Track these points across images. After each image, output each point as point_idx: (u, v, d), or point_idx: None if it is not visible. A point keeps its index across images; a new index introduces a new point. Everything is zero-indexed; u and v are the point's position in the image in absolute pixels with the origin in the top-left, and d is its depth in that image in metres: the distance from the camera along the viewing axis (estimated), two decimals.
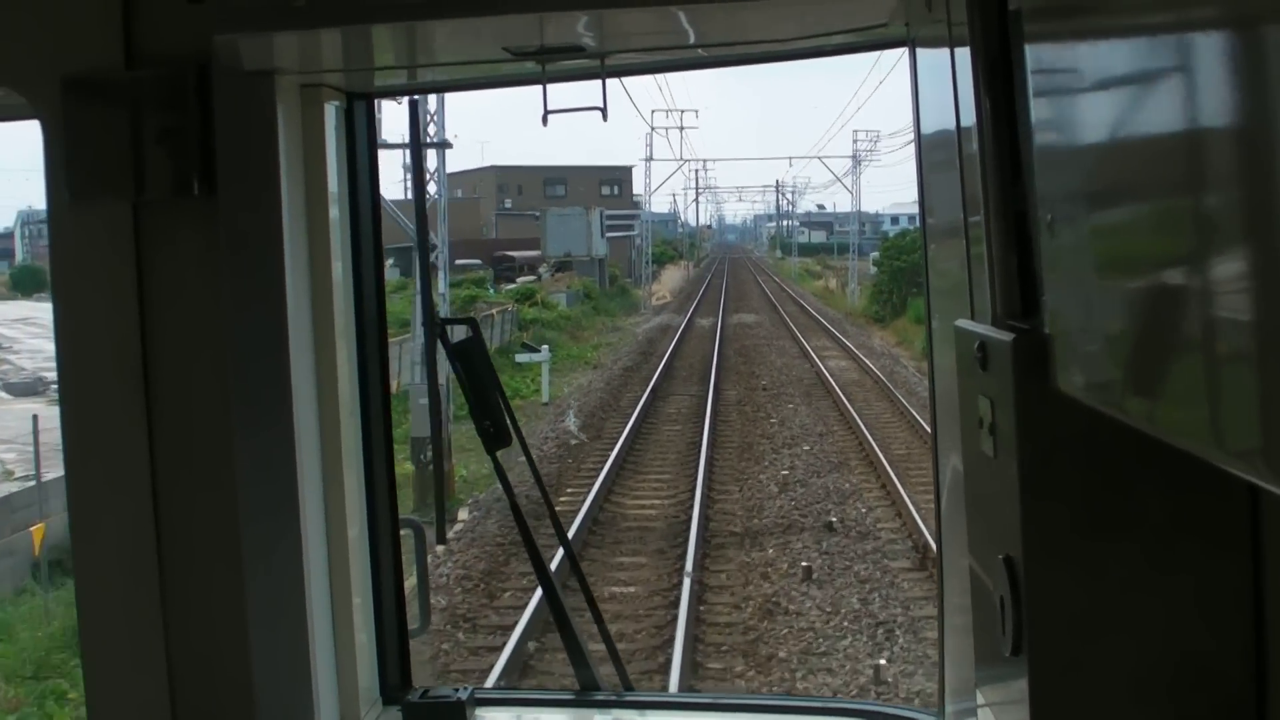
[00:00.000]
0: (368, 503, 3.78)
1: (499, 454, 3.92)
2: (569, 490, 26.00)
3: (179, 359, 3.26)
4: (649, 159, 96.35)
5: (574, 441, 31.49)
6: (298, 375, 3.43)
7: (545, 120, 3.43)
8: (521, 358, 41.55)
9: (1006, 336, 2.08)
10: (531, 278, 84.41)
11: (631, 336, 62.05)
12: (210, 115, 3.17)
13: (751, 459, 29.01)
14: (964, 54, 2.28)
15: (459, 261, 62.45)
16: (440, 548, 20.63)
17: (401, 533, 3.95)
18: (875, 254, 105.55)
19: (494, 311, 53.15)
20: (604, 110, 3.47)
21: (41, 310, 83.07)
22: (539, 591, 15.21)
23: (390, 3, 3.01)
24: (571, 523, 22.20)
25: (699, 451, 29.10)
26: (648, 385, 40.60)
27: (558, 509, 4.74)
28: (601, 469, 27.13)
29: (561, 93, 3.44)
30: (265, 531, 3.38)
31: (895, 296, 70.57)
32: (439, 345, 3.92)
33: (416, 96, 4.10)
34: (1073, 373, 1.87)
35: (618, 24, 3.25)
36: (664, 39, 3.56)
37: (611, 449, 29.45)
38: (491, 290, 69.49)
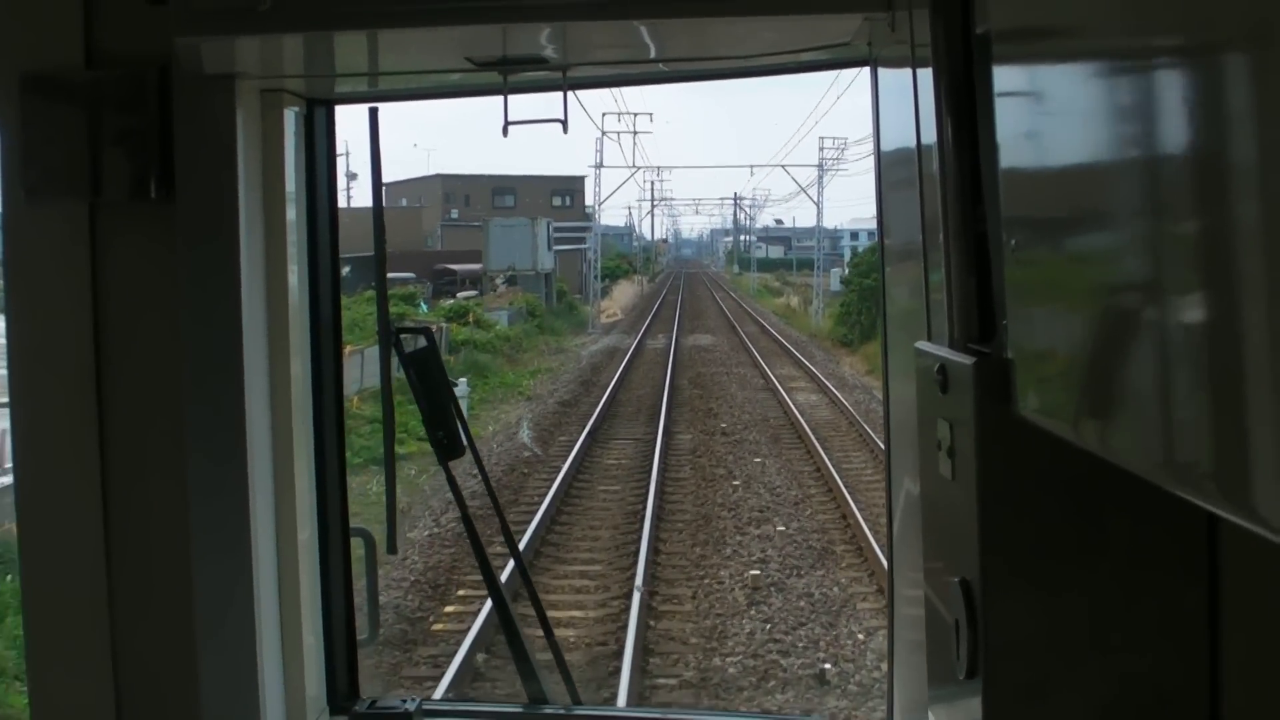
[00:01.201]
0: (319, 510, 3.77)
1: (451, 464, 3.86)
2: (459, 596, 19.45)
3: (132, 362, 3.32)
4: (599, 165, 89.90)
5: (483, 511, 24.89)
6: (251, 381, 3.41)
7: (505, 131, 3.47)
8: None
9: (967, 360, 2.11)
10: (473, 292, 78.92)
11: (575, 360, 55.48)
12: (169, 117, 3.21)
13: (709, 543, 22.16)
14: (926, 74, 2.32)
15: (390, 275, 56.07)
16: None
17: (352, 540, 3.91)
18: (843, 270, 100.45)
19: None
20: (564, 122, 3.54)
21: None
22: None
23: (354, 10, 3.04)
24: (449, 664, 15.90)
25: (640, 529, 22.50)
26: (585, 425, 34.10)
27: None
28: (509, 558, 20.60)
29: (522, 104, 3.49)
30: (215, 538, 3.38)
31: (864, 318, 64.47)
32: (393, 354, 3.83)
33: (376, 104, 3.87)
34: (1033, 397, 1.89)
35: (580, 37, 3.37)
36: (626, 53, 3.67)
37: (529, 521, 22.88)
38: (423, 307, 63.39)
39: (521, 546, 20.56)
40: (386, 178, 4.42)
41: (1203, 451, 1.34)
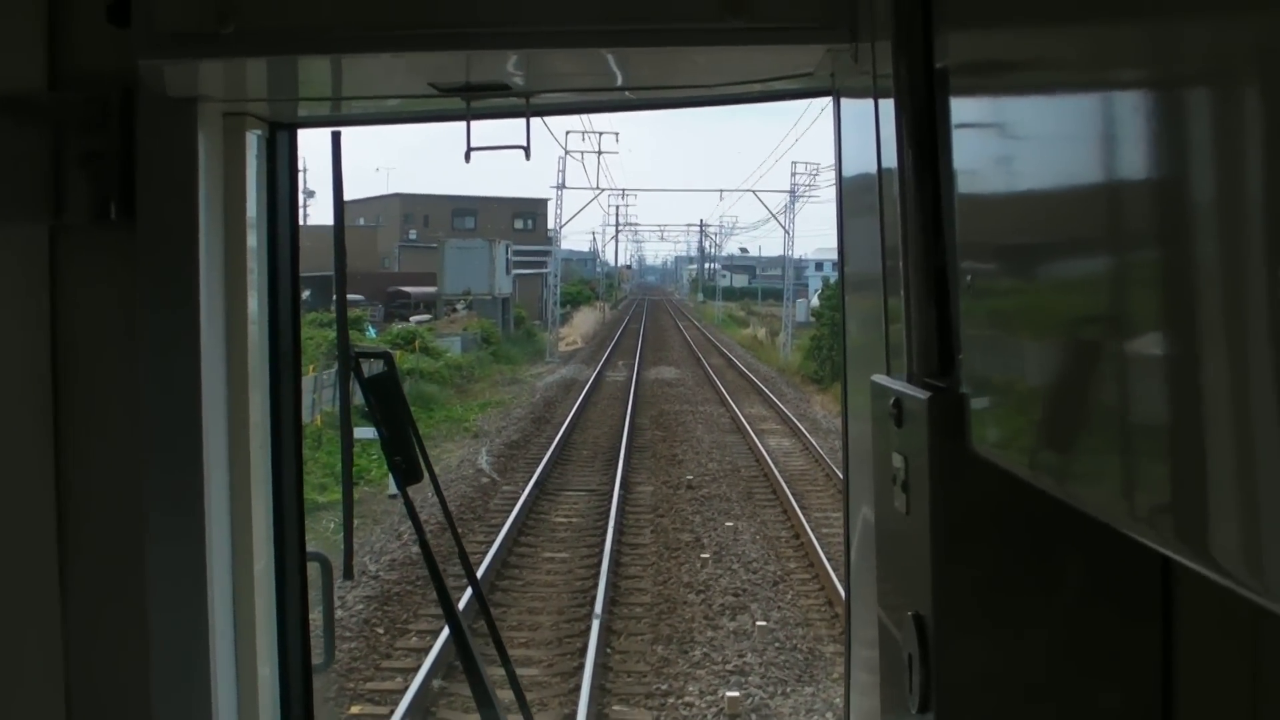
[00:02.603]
0: (275, 535, 3.76)
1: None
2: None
3: (90, 384, 3.33)
4: (562, 186, 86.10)
5: (395, 588, 20.81)
6: (210, 405, 3.43)
7: (468, 157, 3.51)
8: (360, 432, 30.81)
9: (922, 395, 2.12)
10: (427, 316, 75.61)
11: (529, 393, 51.73)
12: (132, 140, 3.24)
13: (673, 641, 18.12)
14: (888, 105, 2.34)
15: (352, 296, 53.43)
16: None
17: (309, 565, 3.93)
18: (809, 301, 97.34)
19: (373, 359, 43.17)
20: (527, 149, 3.55)
21: None
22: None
23: (318, 36, 3.08)
24: None
25: (589, 617, 18.61)
26: (533, 473, 30.27)
27: None
28: (430, 650, 16.60)
29: (485, 129, 3.53)
30: (171, 563, 3.39)
31: (835, 353, 60.98)
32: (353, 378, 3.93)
33: (339, 128, 4.02)
34: (987, 433, 1.91)
35: (545, 65, 3.41)
36: (591, 80, 3.73)
37: (457, 600, 19.00)
38: (370, 332, 59.77)
39: (443, 634, 16.82)
40: (344, 197, 4.07)
41: (1157, 494, 1.35)
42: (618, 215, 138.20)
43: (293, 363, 3.82)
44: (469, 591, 6.76)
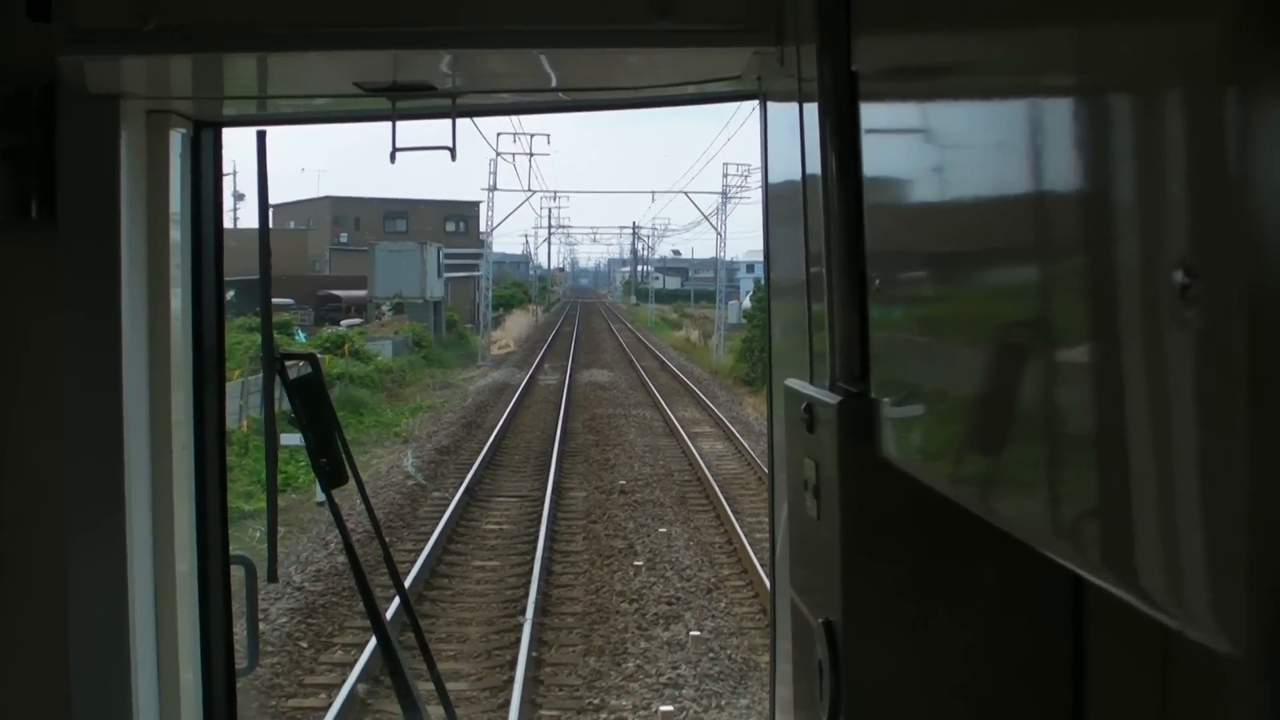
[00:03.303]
0: (199, 538, 3.74)
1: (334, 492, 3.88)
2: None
3: (9, 385, 3.28)
4: (493, 188, 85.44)
5: (320, 600, 20.30)
6: (130, 407, 3.39)
7: (393, 158, 3.46)
8: (288, 439, 30.20)
9: (833, 399, 2.12)
10: (358, 320, 74.88)
11: (461, 398, 51.21)
12: (53, 137, 3.18)
13: (606, 652, 17.62)
14: (812, 109, 2.33)
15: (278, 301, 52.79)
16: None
17: (232, 569, 3.90)
18: (740, 303, 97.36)
19: (299, 363, 42.55)
20: (453, 150, 3.54)
21: None
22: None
23: (242, 33, 3.03)
24: None
25: (519, 628, 18.21)
26: (463, 479, 29.82)
27: None
28: (355, 664, 16.14)
29: (413, 130, 3.49)
30: (91, 568, 3.35)
31: (762, 350, 61.26)
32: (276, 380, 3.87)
33: (264, 127, 3.86)
34: (893, 439, 1.89)
35: (472, 65, 3.38)
36: (520, 81, 3.67)
37: (384, 609, 18.57)
38: (300, 336, 59.05)
39: (370, 645, 16.44)
40: (274, 199, 4.26)
41: (1061, 508, 1.33)
42: (550, 217, 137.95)
43: (216, 364, 3.80)
44: (396, 601, 6.43)
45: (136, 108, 3.39)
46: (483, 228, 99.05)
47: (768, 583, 13.39)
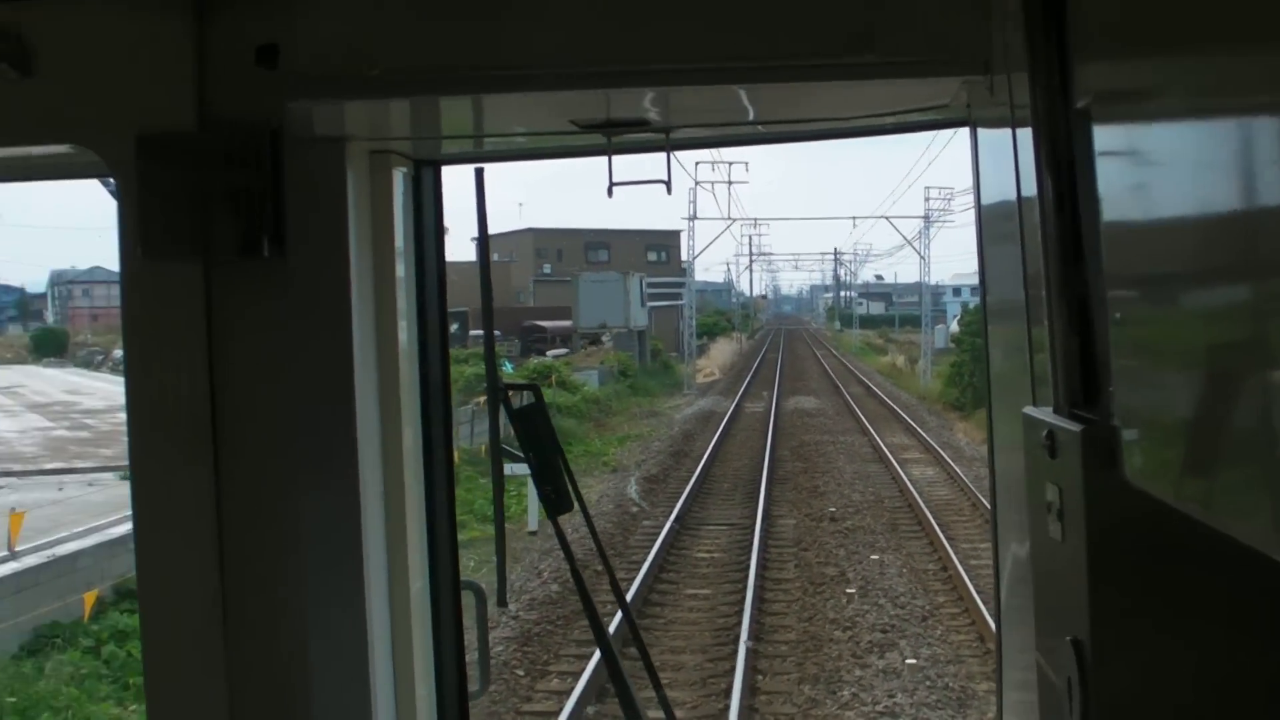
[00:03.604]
0: (430, 563, 3.82)
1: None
2: None
3: (247, 416, 3.38)
4: (693, 217, 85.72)
5: (535, 628, 20.53)
6: (363, 435, 3.50)
7: (610, 192, 3.57)
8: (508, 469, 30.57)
9: (1075, 427, 2.13)
10: (564, 350, 75.88)
11: (668, 426, 51.46)
12: (281, 177, 3.29)
13: (820, 680, 17.41)
14: (1025, 135, 2.36)
15: (473, 332, 53.97)
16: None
17: (463, 594, 4.00)
18: (947, 327, 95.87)
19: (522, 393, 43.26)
20: (668, 184, 3.63)
21: (35, 377, 79.25)
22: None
23: (459, 76, 3.15)
24: None
25: (734, 655, 18.15)
26: (673, 508, 29.94)
27: None
28: (569, 694, 16.29)
29: (623, 163, 3.56)
30: (329, 591, 3.45)
31: (977, 379, 59.95)
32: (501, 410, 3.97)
33: (482, 164, 3.94)
34: (1140, 464, 1.91)
35: (682, 100, 3.42)
36: (726, 115, 3.72)
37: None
38: (508, 367, 60.07)
39: (588, 672, 16.60)
40: (489, 233, 3.94)
41: None
42: (751, 245, 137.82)
43: (443, 394, 3.89)
44: (618, 616, 6.62)
45: (360, 149, 3.50)
46: (684, 256, 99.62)
47: (987, 616, 13.04)
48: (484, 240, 3.91)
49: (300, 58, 3.18)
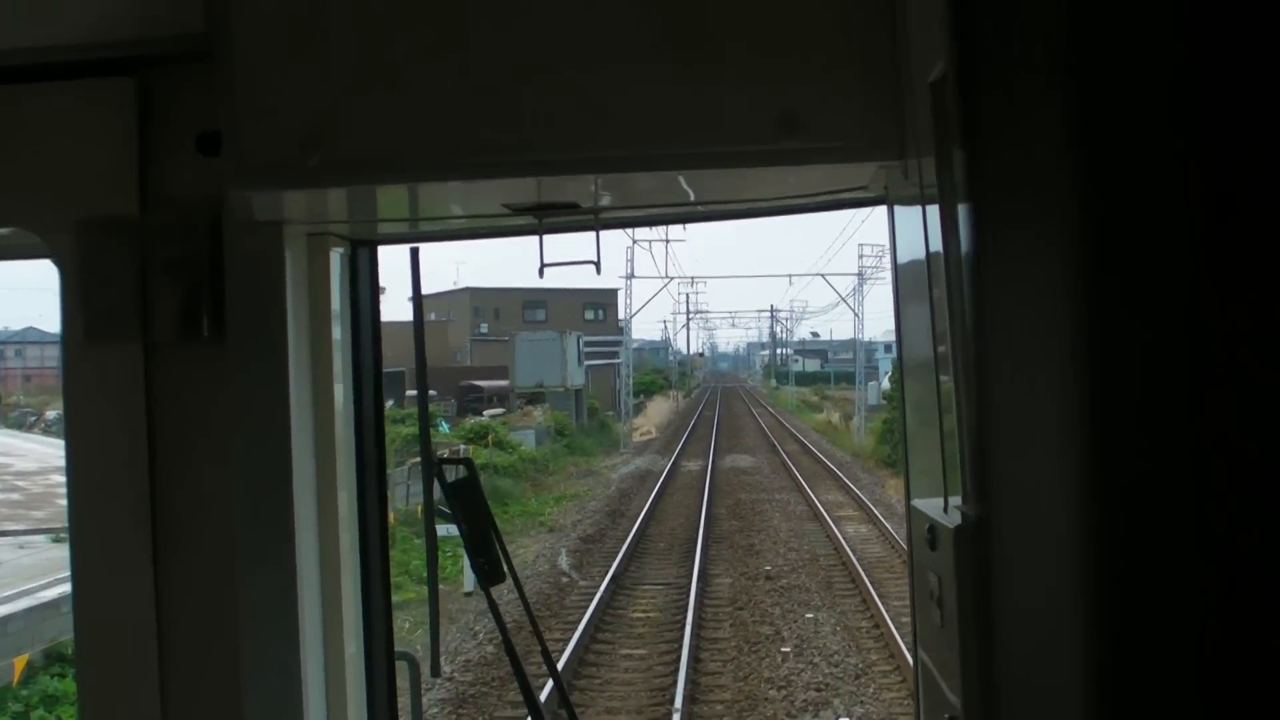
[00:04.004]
0: (365, 631, 3.83)
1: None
2: None
3: (187, 491, 3.47)
4: (630, 275, 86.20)
5: (471, 690, 20.56)
6: (300, 505, 3.51)
7: (541, 272, 3.69)
8: (440, 530, 30.46)
9: (950, 524, 2.24)
10: (501, 410, 75.69)
11: (604, 486, 51.52)
12: (220, 260, 3.39)
13: None
14: (934, 212, 2.50)
15: (409, 392, 53.65)
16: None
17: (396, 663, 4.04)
18: (880, 384, 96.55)
19: (446, 452, 43.21)
20: (597, 264, 3.77)
21: None
22: None
23: (397, 165, 3.24)
24: None
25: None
26: (609, 567, 30.04)
27: None
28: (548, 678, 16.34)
29: (556, 241, 3.67)
30: (265, 662, 3.48)
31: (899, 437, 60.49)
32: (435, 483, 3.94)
33: (417, 244, 3.98)
34: (1005, 558, 2.02)
35: (614, 185, 3.57)
36: (657, 197, 3.84)
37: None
38: (443, 427, 59.88)
39: None
40: (424, 308, 3.91)
41: None
42: (688, 303, 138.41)
43: (377, 465, 3.93)
44: (549, 685, 6.89)
45: (298, 231, 3.57)
46: (621, 315, 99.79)
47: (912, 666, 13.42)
48: (419, 316, 3.95)
49: (241, 146, 3.22)
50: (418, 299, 3.91)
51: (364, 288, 3.90)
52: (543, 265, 3.70)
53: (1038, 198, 1.92)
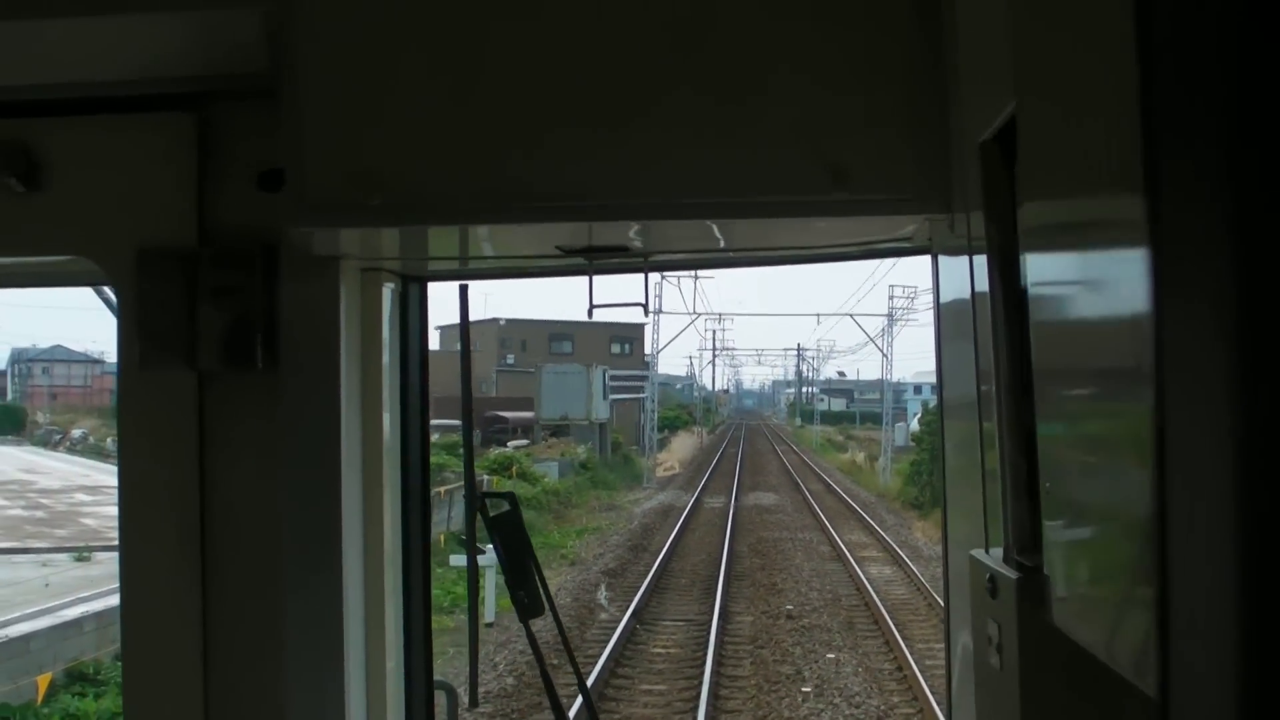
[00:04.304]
0: (406, 664, 3.90)
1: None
2: None
3: (236, 519, 3.56)
4: (658, 311, 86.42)
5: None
6: (348, 536, 3.60)
7: (590, 313, 3.76)
8: (457, 560, 30.35)
9: (1013, 575, 2.29)
10: (525, 441, 75.62)
11: (627, 520, 51.36)
12: (275, 292, 3.50)
13: None
14: (982, 266, 2.58)
15: (435, 422, 53.49)
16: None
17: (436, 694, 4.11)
18: (908, 425, 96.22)
19: (441, 491, 43.06)
20: (645, 306, 3.92)
21: None
22: None
23: (454, 207, 3.34)
24: None
25: None
26: (630, 602, 29.90)
27: None
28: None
29: (602, 281, 3.75)
30: (310, 691, 3.55)
31: (936, 479, 60.12)
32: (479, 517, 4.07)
33: (466, 281, 4.11)
34: (1065, 614, 2.01)
35: (663, 231, 3.66)
36: (703, 243, 3.92)
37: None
38: None
39: None
40: (441, 321, 4.37)
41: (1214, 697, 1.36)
42: (714, 340, 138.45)
43: (421, 495, 4.02)
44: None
45: (352, 266, 3.67)
46: (648, 350, 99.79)
47: (940, 712, 13.12)
48: (466, 352, 4.03)
49: (304, 184, 3.31)
50: (465, 334, 3.99)
51: (413, 322, 4.00)
52: (592, 306, 3.78)
53: (1096, 248, 1.90)
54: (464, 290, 3.98)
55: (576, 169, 3.32)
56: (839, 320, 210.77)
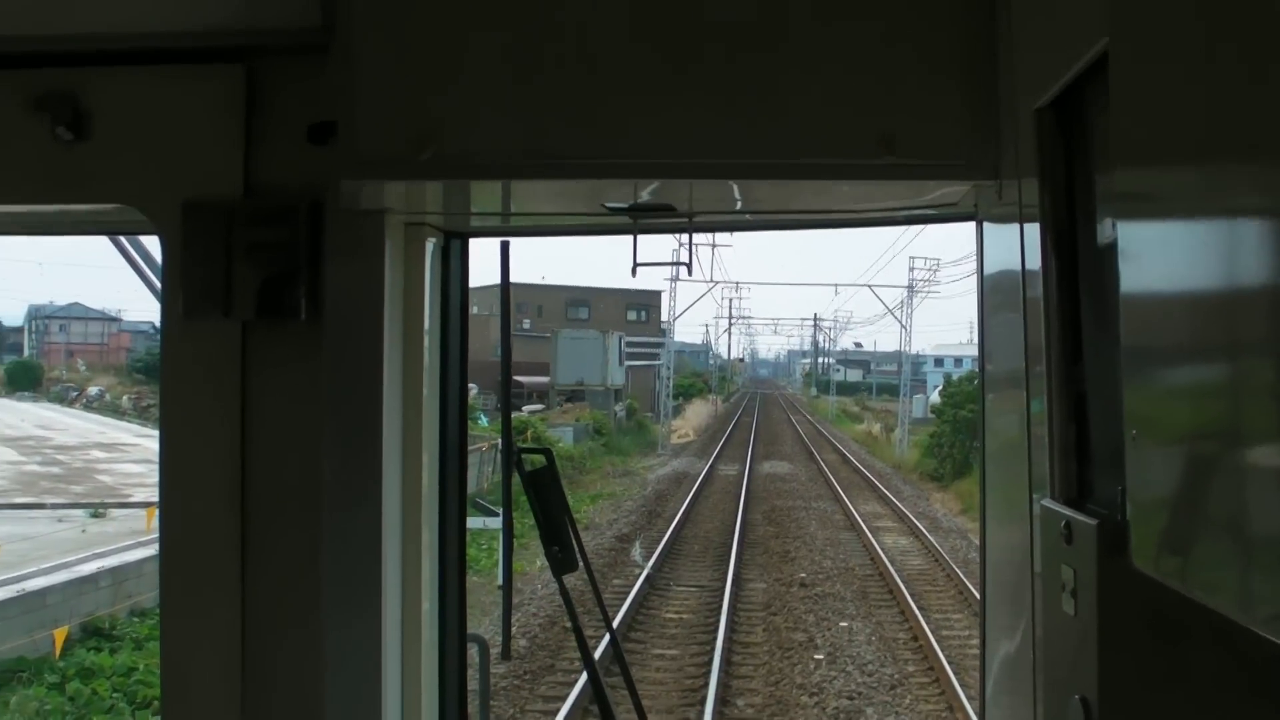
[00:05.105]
0: (440, 615, 3.94)
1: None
2: None
3: (276, 467, 3.61)
4: (675, 278, 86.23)
5: (503, 683, 20.37)
6: (387, 489, 3.66)
7: (634, 271, 3.89)
8: (475, 522, 30.48)
9: (1091, 521, 2.34)
10: (540, 406, 75.70)
11: (640, 486, 51.32)
12: (320, 245, 3.53)
13: None
14: (1033, 233, 2.64)
15: None
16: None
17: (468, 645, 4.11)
18: (933, 398, 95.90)
19: (484, 445, 43.34)
20: (690, 265, 4.72)
21: (7, 410, 78.54)
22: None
23: (501, 163, 3.36)
24: None
25: None
26: (643, 569, 29.81)
27: None
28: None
29: (625, 241, 3.85)
30: (346, 638, 3.62)
31: (957, 451, 59.88)
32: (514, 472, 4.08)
33: (508, 238, 4.10)
34: (1151, 557, 1.99)
35: (711, 191, 3.66)
36: (748, 205, 3.96)
37: (563, 698, 18.52)
38: (483, 420, 59.89)
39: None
40: (473, 283, 4.11)
41: None
42: (731, 308, 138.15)
43: (459, 450, 4.05)
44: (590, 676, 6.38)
45: (397, 220, 3.72)
46: (664, 317, 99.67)
47: (958, 686, 13.02)
48: (506, 311, 4.09)
49: (355, 138, 3.34)
50: (506, 291, 4.02)
51: (455, 277, 4.04)
52: (636, 264, 3.87)
53: (1163, 216, 1.95)
54: (505, 247, 3.97)
55: (627, 127, 3.32)
56: (857, 291, 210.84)
